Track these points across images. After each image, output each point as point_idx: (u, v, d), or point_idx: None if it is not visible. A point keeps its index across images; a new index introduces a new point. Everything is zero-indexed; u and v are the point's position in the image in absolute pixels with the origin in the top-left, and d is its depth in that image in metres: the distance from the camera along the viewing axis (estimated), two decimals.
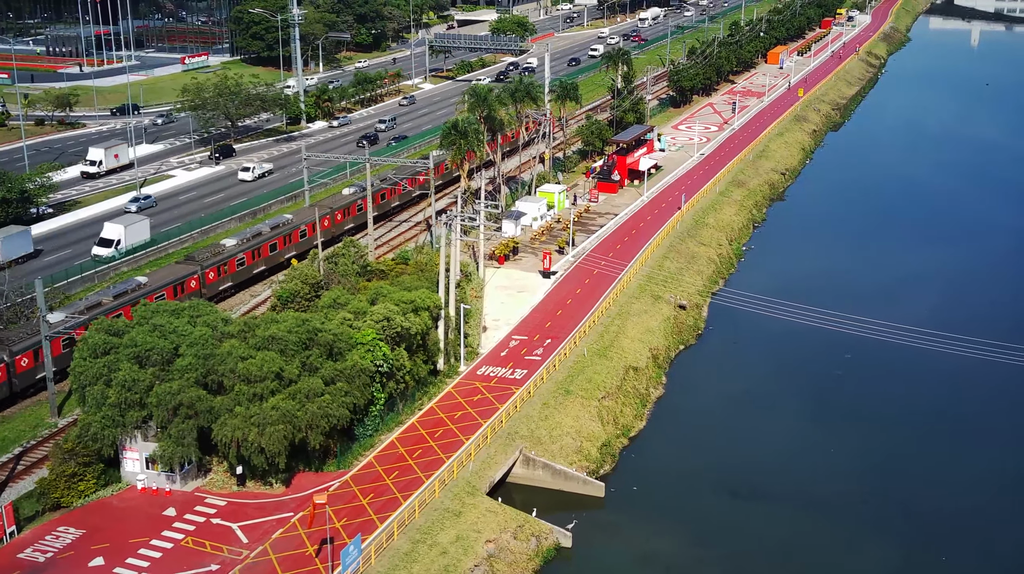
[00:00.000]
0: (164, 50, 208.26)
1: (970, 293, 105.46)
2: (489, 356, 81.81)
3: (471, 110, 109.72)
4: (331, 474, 64.59)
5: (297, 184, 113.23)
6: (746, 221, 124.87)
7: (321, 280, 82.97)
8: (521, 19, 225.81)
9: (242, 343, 63.57)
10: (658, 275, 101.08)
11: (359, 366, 64.96)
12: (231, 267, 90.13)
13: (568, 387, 77.10)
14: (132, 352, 62.55)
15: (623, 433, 76.20)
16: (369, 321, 69.17)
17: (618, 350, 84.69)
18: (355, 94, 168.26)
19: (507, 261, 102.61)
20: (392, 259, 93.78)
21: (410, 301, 73.37)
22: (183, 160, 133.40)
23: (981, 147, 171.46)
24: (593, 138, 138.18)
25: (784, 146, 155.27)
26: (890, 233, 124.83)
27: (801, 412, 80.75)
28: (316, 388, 61.89)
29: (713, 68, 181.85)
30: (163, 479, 62.67)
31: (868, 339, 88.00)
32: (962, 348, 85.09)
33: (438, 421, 71.07)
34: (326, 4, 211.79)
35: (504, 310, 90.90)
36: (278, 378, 61.54)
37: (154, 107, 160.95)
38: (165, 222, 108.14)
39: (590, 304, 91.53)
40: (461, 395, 74.95)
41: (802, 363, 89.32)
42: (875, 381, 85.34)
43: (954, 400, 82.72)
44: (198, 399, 60.33)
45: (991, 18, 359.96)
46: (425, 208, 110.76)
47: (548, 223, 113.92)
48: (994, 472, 72.34)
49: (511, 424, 71.31)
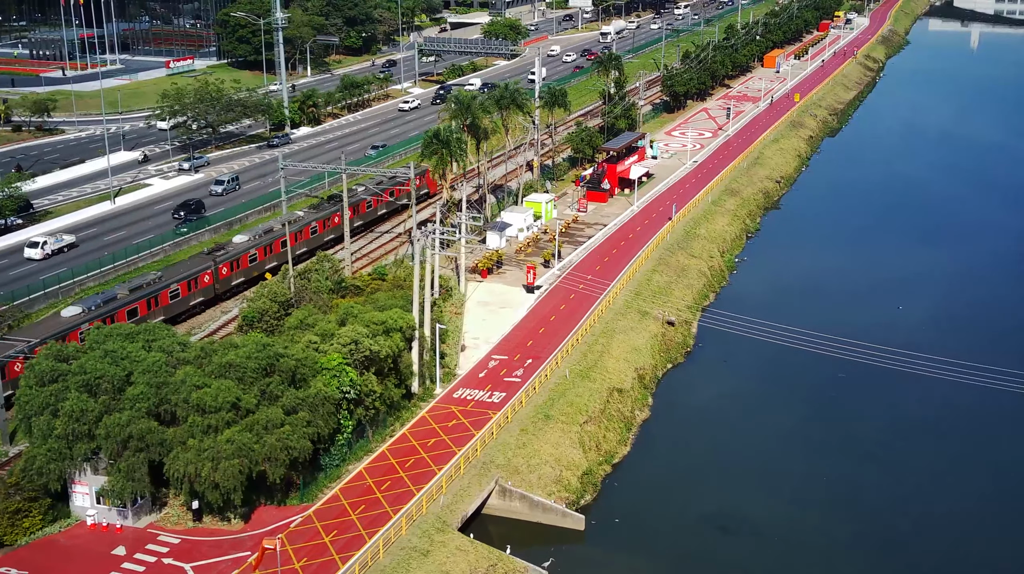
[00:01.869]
0: (150, 53, 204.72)
1: (970, 311, 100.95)
2: (467, 377, 78.20)
3: (453, 118, 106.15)
4: (294, 508, 60.98)
5: (275, 194, 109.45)
6: (739, 231, 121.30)
7: (291, 298, 79.44)
8: (513, 22, 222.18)
9: (198, 370, 59.97)
10: (646, 290, 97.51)
11: (323, 394, 61.37)
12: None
13: (548, 411, 73.49)
14: (81, 380, 58.96)
15: (606, 460, 72.57)
16: (336, 344, 65.60)
17: (602, 371, 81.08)
18: (341, 99, 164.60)
19: (490, 275, 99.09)
20: (369, 274, 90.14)
21: (381, 322, 69.76)
22: (161, 168, 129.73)
23: (983, 150, 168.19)
24: (583, 145, 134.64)
25: (779, 153, 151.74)
26: (888, 242, 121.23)
27: (793, 436, 77.18)
28: (275, 419, 58.30)
29: (708, 72, 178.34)
30: (114, 514, 59.09)
31: (861, 363, 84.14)
32: (964, 375, 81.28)
33: (410, 449, 67.47)
34: (314, 7, 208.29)
35: (485, 327, 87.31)
36: (234, 408, 57.96)
37: (136, 113, 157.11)
38: (136, 234, 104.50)
39: (574, 321, 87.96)
40: (435, 420, 71.35)
41: (795, 383, 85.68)
42: (871, 406, 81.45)
43: (954, 430, 78.69)
44: (149, 431, 56.75)
45: (991, 20, 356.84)
46: (406, 219, 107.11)
47: (535, 234, 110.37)
48: (990, 503, 68.77)
49: (487, 452, 67.71)
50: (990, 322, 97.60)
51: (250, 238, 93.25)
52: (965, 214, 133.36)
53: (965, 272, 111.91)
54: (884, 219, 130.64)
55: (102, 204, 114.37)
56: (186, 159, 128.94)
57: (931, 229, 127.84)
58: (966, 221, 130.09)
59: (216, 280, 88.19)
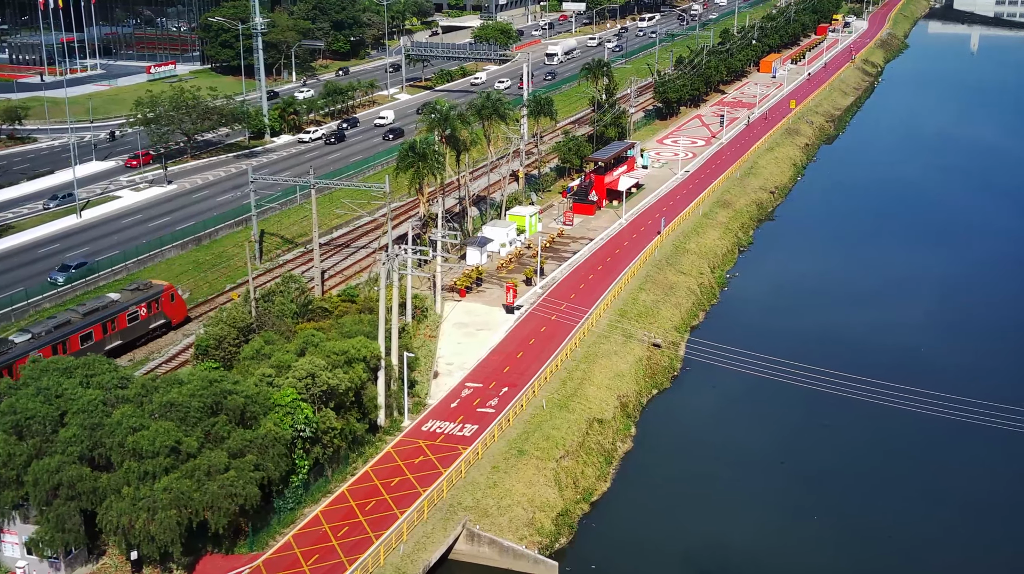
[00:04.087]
0: (133, 58, 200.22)
1: (968, 340, 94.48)
2: (438, 408, 73.70)
3: (431, 129, 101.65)
4: (241, 558, 56.48)
5: (245, 208, 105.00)
6: (731, 245, 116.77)
7: (252, 323, 74.90)
8: (504, 26, 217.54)
9: (137, 410, 55.47)
10: (632, 310, 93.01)
11: (274, 434, 56.86)
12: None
13: (522, 446, 68.96)
14: (11, 421, 54.54)
15: (583, 498, 68.06)
16: (291, 378, 61.11)
17: (582, 399, 76.56)
18: (324, 106, 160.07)
19: (469, 293, 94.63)
20: (338, 295, 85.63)
21: (343, 351, 65.35)
22: (133, 179, 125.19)
23: (986, 155, 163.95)
24: (571, 155, 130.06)
25: (774, 162, 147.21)
26: (885, 254, 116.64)
27: (784, 467, 72.62)
28: (219, 463, 53.77)
29: (702, 79, 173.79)
30: (46, 567, 54.63)
31: (854, 395, 79.45)
32: (961, 413, 76.63)
33: (371, 489, 62.94)
34: (301, 11, 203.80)
35: (460, 352, 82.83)
36: (174, 452, 53.43)
37: (114, 120, 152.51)
38: (104, 249, 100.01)
39: (555, 345, 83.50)
40: (401, 456, 66.83)
41: (786, 407, 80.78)
42: (862, 444, 76.18)
43: (948, 471, 73.84)
44: (80, 478, 52.26)
45: (991, 22, 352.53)
46: (380, 237, 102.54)
47: (517, 250, 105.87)
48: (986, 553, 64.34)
49: (454, 493, 63.22)
50: (995, 359, 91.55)
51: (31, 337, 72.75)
52: (964, 222, 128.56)
53: (966, 289, 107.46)
54: (881, 230, 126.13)
55: (67, 218, 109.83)
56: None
57: (929, 236, 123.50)
58: (966, 230, 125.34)
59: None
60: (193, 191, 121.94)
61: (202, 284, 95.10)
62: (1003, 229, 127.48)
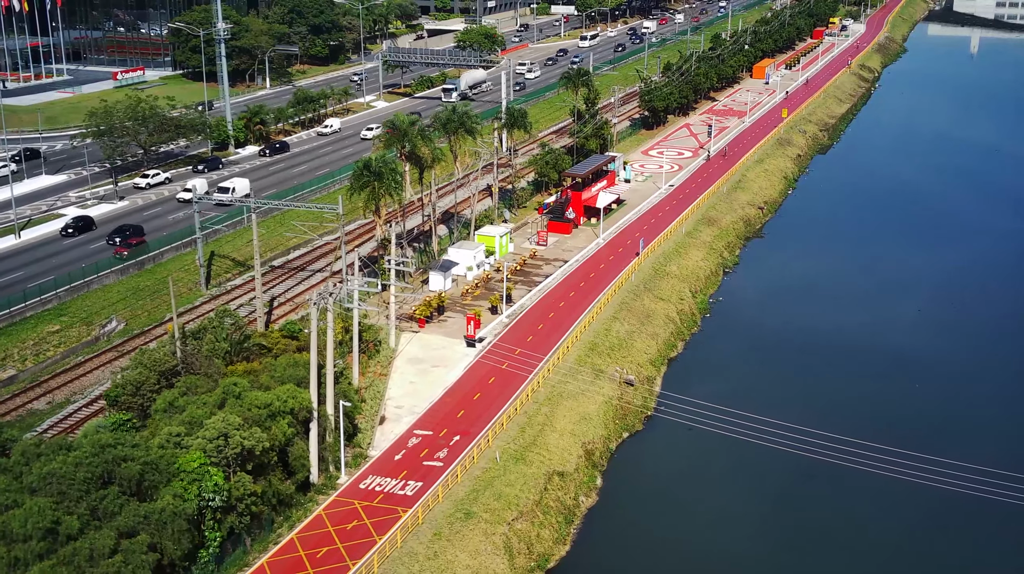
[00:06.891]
0: (103, 63, 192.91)
1: (965, 388, 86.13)
2: (380, 460, 66.60)
3: (388, 146, 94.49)
4: None
5: (191, 230, 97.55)
6: (715, 267, 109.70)
7: (177, 365, 67.74)
8: (488, 30, 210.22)
9: (14, 482, 48.40)
10: (604, 342, 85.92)
11: (173, 507, 49.75)
12: None
13: (470, 508, 61.86)
14: None
15: (538, 564, 61.09)
16: (200, 438, 54.01)
17: (541, 450, 69.46)
18: (294, 115, 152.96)
19: (429, 323, 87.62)
20: (279, 330, 78.44)
21: (266, 404, 58.30)
22: (83, 195, 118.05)
23: (988, 157, 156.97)
24: (548, 168, 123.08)
25: (764, 175, 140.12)
26: (880, 276, 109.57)
27: (763, 522, 65.59)
28: (103, 546, 46.61)
29: (690, 86, 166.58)
30: None
31: (839, 466, 72.24)
32: (953, 481, 69.58)
33: (295, 562, 55.80)
34: (276, 15, 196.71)
35: (412, 393, 75.74)
36: (51, 534, 46.32)
37: (72, 130, 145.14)
38: (39, 274, 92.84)
39: (516, 385, 76.39)
40: (333, 521, 59.72)
41: (766, 453, 73.47)
42: (850, 505, 69.00)
43: (943, 544, 67.13)
44: None
45: (991, 24, 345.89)
46: (334, 262, 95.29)
47: (485, 273, 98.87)
48: None
49: (388, 567, 56.08)
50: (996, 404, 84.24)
51: None
52: (963, 235, 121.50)
53: (965, 321, 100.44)
54: (876, 248, 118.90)
55: (6, 238, 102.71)
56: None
57: (928, 254, 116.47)
58: (964, 244, 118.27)
59: None
60: (145, 207, 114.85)
61: (140, 313, 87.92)
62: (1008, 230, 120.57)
